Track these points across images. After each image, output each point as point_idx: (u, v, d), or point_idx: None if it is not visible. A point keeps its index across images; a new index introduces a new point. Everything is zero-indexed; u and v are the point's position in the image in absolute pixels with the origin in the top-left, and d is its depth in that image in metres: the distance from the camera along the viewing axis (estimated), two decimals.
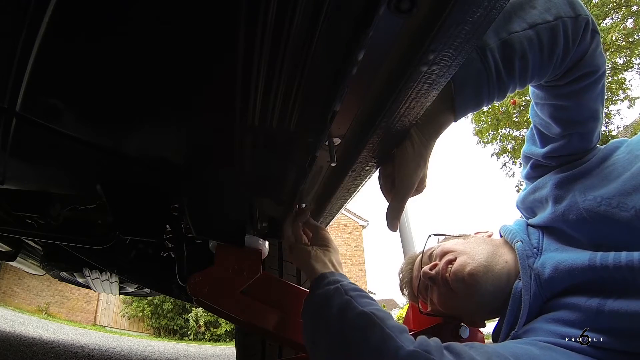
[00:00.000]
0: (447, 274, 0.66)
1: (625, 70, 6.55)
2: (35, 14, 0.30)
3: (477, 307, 0.66)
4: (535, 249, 0.62)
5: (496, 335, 0.63)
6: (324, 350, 0.50)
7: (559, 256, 0.57)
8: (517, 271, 0.62)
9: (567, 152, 0.65)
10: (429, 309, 0.75)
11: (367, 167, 0.61)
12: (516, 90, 0.56)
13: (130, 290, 1.62)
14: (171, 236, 0.88)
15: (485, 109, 6.93)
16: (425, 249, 0.79)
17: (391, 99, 0.44)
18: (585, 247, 0.56)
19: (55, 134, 0.43)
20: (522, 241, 0.63)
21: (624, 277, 0.48)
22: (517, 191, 7.61)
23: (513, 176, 7.83)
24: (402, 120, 0.50)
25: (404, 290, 0.85)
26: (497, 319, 0.66)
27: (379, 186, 0.63)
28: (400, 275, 0.86)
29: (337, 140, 0.54)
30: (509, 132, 7.59)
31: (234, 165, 0.49)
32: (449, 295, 0.67)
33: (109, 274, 1.35)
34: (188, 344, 6.19)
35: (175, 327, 9.10)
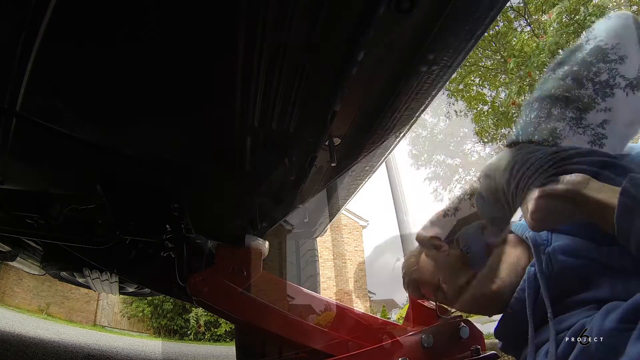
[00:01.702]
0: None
1: None
2: (35, 14, 0.30)
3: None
4: (545, 240, 0.62)
5: (501, 332, 0.63)
6: None
7: (566, 245, 0.57)
8: (526, 264, 0.61)
9: None
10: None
11: (367, 167, 0.61)
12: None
13: (130, 290, 1.62)
14: (171, 236, 0.88)
15: (485, 108, 6.94)
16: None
17: (391, 99, 0.44)
18: (590, 239, 0.56)
19: (55, 134, 0.43)
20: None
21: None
22: None
23: None
24: (402, 120, 0.50)
25: (406, 281, 0.82)
26: (497, 320, 0.66)
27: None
28: (404, 266, 0.83)
29: (337, 140, 0.54)
30: (509, 132, 7.58)
31: (234, 165, 0.49)
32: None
33: (109, 274, 1.35)
34: (188, 344, 6.18)
35: (175, 327, 9.07)
